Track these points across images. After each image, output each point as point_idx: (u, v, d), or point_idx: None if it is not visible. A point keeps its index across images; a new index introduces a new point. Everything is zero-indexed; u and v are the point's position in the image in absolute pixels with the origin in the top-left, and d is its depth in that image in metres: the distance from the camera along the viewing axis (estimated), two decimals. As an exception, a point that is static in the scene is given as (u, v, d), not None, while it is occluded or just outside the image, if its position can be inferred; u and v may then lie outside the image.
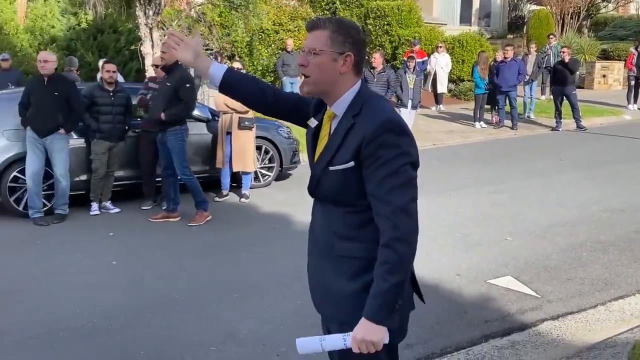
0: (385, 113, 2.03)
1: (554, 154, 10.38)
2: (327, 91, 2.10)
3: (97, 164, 7.24)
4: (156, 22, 11.12)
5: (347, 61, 2.07)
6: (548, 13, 24.10)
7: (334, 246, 2.14)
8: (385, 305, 1.96)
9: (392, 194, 1.96)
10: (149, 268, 5.51)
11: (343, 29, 2.08)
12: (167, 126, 6.73)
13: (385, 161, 1.96)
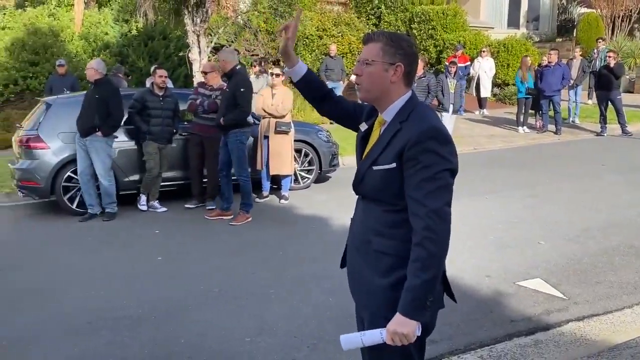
0: (430, 121, 2.19)
1: (596, 159, 10.30)
2: (378, 98, 2.29)
3: (152, 164, 7.63)
4: (203, 29, 11.53)
5: (397, 71, 2.24)
6: (598, 16, 23.67)
7: (370, 241, 2.29)
8: (416, 301, 2.11)
9: (428, 197, 2.10)
10: (192, 264, 5.82)
11: (395, 41, 2.26)
12: (228, 129, 7.07)
13: (425, 166, 2.11)
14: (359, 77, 2.30)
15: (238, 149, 7.09)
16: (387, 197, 2.23)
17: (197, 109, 7.67)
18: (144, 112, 7.63)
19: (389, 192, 2.22)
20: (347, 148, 11.10)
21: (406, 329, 2.11)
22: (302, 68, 2.53)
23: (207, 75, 7.79)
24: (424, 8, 19.90)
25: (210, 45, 11.92)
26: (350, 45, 16.31)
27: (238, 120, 7.03)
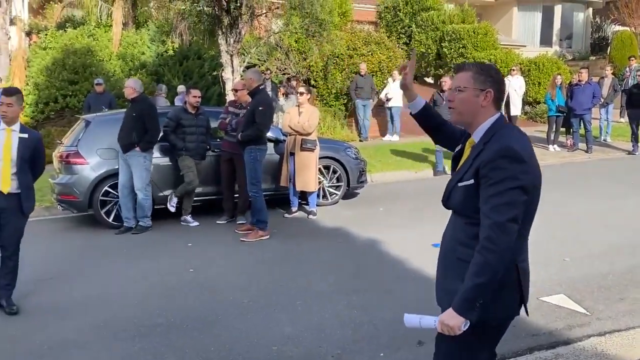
0: (508, 141, 2.39)
1: (626, 178, 10.25)
2: (470, 122, 2.54)
3: (191, 176, 7.90)
4: (236, 49, 11.84)
5: (487, 96, 2.50)
6: (632, 34, 23.47)
7: (455, 250, 2.53)
8: (466, 301, 2.35)
9: (493, 211, 2.33)
10: (222, 276, 6.02)
11: (484, 70, 2.54)
12: (244, 145, 7.29)
13: (494, 182, 2.34)
14: (451, 102, 2.57)
15: (251, 164, 7.28)
16: (469, 211, 2.46)
17: (227, 128, 7.94)
18: (179, 129, 7.91)
19: (470, 207, 2.44)
20: (375, 165, 11.28)
21: (452, 322, 2.36)
22: (420, 102, 2.86)
23: (239, 92, 8.04)
24: (454, 27, 20.03)
25: (243, 65, 12.23)
26: (380, 64, 16.48)
27: (253, 137, 7.22)
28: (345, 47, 15.89)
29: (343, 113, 16.31)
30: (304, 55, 15.87)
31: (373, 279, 5.76)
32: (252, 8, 11.48)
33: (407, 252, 6.44)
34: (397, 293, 5.34)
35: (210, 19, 11.99)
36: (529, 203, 2.39)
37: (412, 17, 21.54)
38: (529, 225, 2.51)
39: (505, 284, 2.43)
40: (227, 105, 8.50)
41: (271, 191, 8.53)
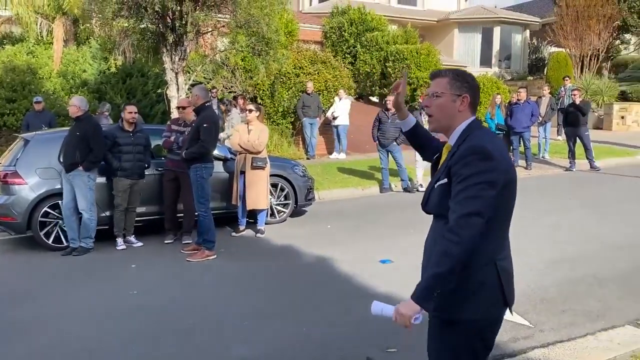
0: (479, 140, 2.45)
1: (564, 194, 10.59)
2: (447, 126, 2.59)
3: (119, 200, 7.70)
4: (181, 67, 11.71)
5: (464, 101, 2.56)
6: (567, 55, 24.45)
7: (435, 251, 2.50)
8: (425, 289, 2.37)
9: (458, 204, 2.37)
10: (167, 297, 5.87)
11: (460, 75, 2.60)
12: (189, 163, 7.19)
13: (463, 178, 2.38)
14: (428, 109, 2.62)
15: (197, 183, 7.17)
16: (445, 210, 2.46)
17: (172, 146, 7.82)
18: (115, 148, 7.72)
19: (446, 207, 2.44)
20: (322, 183, 11.31)
21: (405, 310, 2.39)
22: (411, 120, 2.96)
23: (185, 110, 7.96)
24: (398, 47, 20.42)
25: (188, 83, 12.09)
26: (327, 83, 16.64)
27: (197, 154, 7.12)
28: (292, 66, 15.97)
29: (290, 131, 16.35)
30: (250, 74, 15.85)
31: (322, 297, 5.73)
32: (198, 26, 11.38)
33: (356, 269, 6.45)
34: (347, 311, 5.33)
35: (155, 36, 11.85)
36: (502, 200, 2.43)
37: (356, 38, 21.89)
38: (505, 224, 2.55)
39: (485, 283, 2.46)
40: (170, 123, 8.35)
41: (220, 210, 8.42)
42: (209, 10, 11.36)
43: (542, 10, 32.54)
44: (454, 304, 2.47)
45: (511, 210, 2.56)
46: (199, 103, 7.22)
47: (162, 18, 11.33)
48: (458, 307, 2.46)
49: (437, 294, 2.36)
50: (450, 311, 2.49)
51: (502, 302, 2.51)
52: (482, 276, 2.45)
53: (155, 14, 11.05)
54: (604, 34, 24.19)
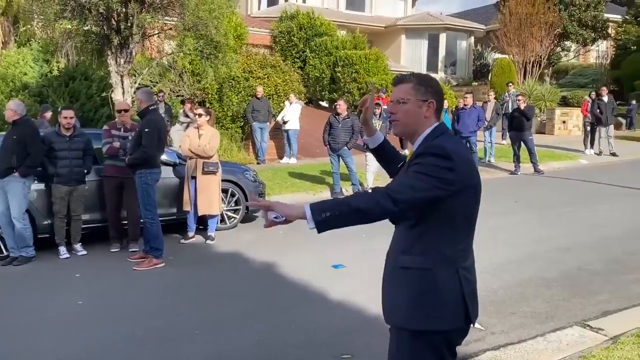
0: (439, 141, 2.45)
1: (510, 197, 10.81)
2: (413, 132, 2.56)
3: (57, 207, 7.41)
4: (127, 70, 11.44)
5: (430, 107, 2.53)
6: (510, 62, 25.11)
7: (397, 259, 2.53)
8: (324, 204, 2.35)
9: (395, 184, 2.41)
10: (113, 307, 5.69)
11: (425, 81, 2.56)
12: (134, 169, 7.00)
13: (415, 170, 2.38)
14: (394, 115, 2.58)
15: (142, 189, 6.99)
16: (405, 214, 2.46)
17: (119, 152, 7.58)
18: (51, 153, 7.43)
19: None
20: (273, 187, 11.24)
21: (283, 207, 2.38)
22: (379, 137, 2.91)
23: (127, 113, 7.76)
24: (347, 52, 20.53)
25: (134, 86, 11.82)
26: (277, 87, 16.58)
27: (140, 160, 6.94)
28: (241, 70, 15.84)
29: (240, 136, 16.20)
30: (198, 77, 15.63)
31: (275, 304, 5.66)
32: (144, 28, 11.14)
33: (309, 275, 6.41)
34: (301, 317, 5.28)
35: (99, 38, 11.52)
36: (462, 205, 2.43)
37: (306, 42, 21.91)
38: (468, 230, 2.55)
39: (449, 292, 2.43)
40: (108, 128, 7.91)
41: (168, 216, 8.23)
42: (155, 12, 11.14)
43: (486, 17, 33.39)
44: (421, 314, 2.44)
45: (473, 217, 2.55)
46: (143, 107, 7.02)
47: (107, 20, 11.04)
48: (425, 318, 2.43)
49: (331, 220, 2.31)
50: (417, 322, 2.45)
51: (463, 312, 2.46)
52: (446, 285, 2.43)
53: (100, 15, 10.77)
54: (546, 41, 24.98)
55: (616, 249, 7.21)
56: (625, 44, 25.94)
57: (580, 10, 27.42)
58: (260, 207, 2.43)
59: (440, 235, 2.44)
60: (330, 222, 2.31)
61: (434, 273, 2.41)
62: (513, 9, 25.25)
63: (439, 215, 2.41)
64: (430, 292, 2.41)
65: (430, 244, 2.43)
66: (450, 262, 2.44)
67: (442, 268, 2.42)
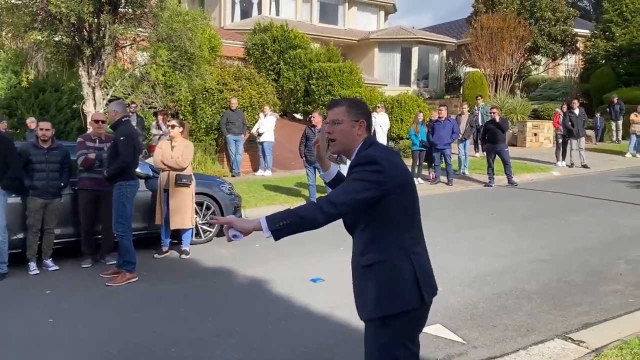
0: (368, 150, 2.83)
1: (486, 208, 10.86)
2: (349, 149, 2.91)
3: (32, 221, 7.20)
4: (99, 81, 11.24)
5: (361, 126, 2.91)
6: (482, 75, 25.39)
7: (358, 261, 2.85)
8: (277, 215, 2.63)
9: (334, 191, 2.77)
10: (86, 325, 5.50)
11: (356, 103, 2.98)
12: (112, 181, 6.87)
13: (350, 179, 2.76)
14: (330, 134, 2.93)
15: (118, 202, 6.86)
16: (357, 220, 2.84)
17: (94, 164, 7.41)
18: (28, 166, 7.24)
19: (357, 215, 2.81)
20: (249, 200, 11.11)
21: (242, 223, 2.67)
22: (333, 171, 3.11)
23: (103, 124, 7.62)
24: (321, 65, 20.56)
25: (107, 98, 11.62)
26: (251, 99, 16.47)
27: (118, 171, 6.83)
28: (215, 82, 15.71)
29: (214, 148, 16.04)
30: (171, 89, 15.46)
31: (254, 319, 5.53)
32: (116, 39, 10.97)
33: (287, 289, 6.30)
34: (281, 332, 5.17)
35: (70, 49, 11.31)
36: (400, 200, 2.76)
37: (280, 55, 21.90)
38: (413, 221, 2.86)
39: (403, 277, 2.74)
40: (82, 140, 7.75)
41: (141, 230, 8.04)
42: (128, 23, 10.99)
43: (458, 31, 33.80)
44: (383, 301, 2.74)
45: (414, 209, 2.87)
46: (117, 118, 6.93)
47: (78, 31, 10.84)
48: (386, 303, 2.73)
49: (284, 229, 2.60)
50: (381, 308, 2.75)
51: (418, 293, 2.74)
52: (401, 269, 2.74)
53: (71, 26, 10.58)
54: (517, 54, 25.36)
55: (593, 260, 7.25)
56: (593, 58, 26.43)
57: (550, 24, 27.90)
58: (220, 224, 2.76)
59: (388, 231, 2.77)
60: (284, 230, 2.62)
61: (390, 262, 2.75)
62: (484, 23, 25.58)
63: (381, 215, 2.75)
64: (389, 280, 2.75)
65: (382, 239, 2.77)
66: (402, 250, 2.77)
67: (396, 256, 2.76)
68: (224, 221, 2.70)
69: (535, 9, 27.83)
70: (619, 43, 24.98)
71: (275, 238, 2.64)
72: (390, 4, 34.69)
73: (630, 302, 5.68)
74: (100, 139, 7.64)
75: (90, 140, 7.64)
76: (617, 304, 5.66)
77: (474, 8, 29.78)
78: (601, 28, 26.54)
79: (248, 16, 29.89)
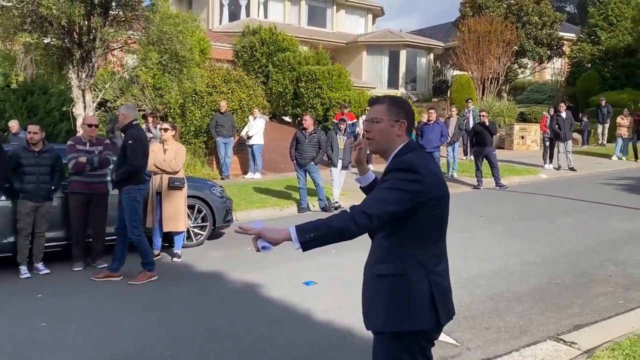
0: (407, 157, 2.66)
1: (475, 211, 10.93)
2: (386, 149, 2.77)
3: (22, 224, 7.16)
4: (89, 84, 11.19)
5: (402, 126, 2.75)
6: (469, 78, 25.57)
7: (373, 268, 2.74)
8: (307, 225, 2.54)
9: (368, 201, 2.60)
10: (78, 329, 5.49)
11: (397, 102, 2.80)
12: (121, 185, 6.87)
13: (385, 186, 2.60)
14: (369, 133, 2.80)
15: (130, 206, 6.87)
16: None
17: (86, 168, 7.39)
18: (19, 169, 7.21)
19: None
20: (240, 203, 11.11)
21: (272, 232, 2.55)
22: (370, 176, 3.01)
23: (96, 128, 7.61)
24: (310, 68, 20.59)
25: (96, 101, 11.58)
26: (241, 102, 16.47)
27: (127, 174, 6.84)
28: (204, 85, 15.69)
29: (203, 151, 16.02)
30: (160, 92, 15.42)
31: (247, 323, 5.54)
32: (107, 42, 10.93)
33: (280, 292, 6.32)
34: (275, 336, 5.18)
35: (60, 52, 11.24)
36: (431, 214, 2.63)
37: (268, 58, 21.91)
38: (438, 238, 2.75)
39: (420, 296, 2.62)
40: (73, 143, 7.69)
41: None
42: (119, 26, 10.95)
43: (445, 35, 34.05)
44: (395, 317, 2.63)
45: (443, 225, 2.75)
46: (126, 122, 6.95)
47: (69, 33, 10.78)
48: (398, 319, 2.62)
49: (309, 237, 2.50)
50: (392, 324, 2.64)
51: (434, 316, 2.65)
52: (417, 288, 2.62)
53: (61, 28, 10.52)
54: (503, 58, 25.58)
55: (582, 262, 7.34)
56: (579, 62, 26.71)
57: (537, 28, 28.16)
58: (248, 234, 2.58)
59: (411, 244, 2.64)
60: (313, 242, 2.52)
61: (406, 278, 2.62)
62: (472, 27, 25.77)
63: (409, 225, 2.62)
64: (403, 296, 2.62)
65: (402, 252, 2.64)
66: (420, 268, 2.64)
67: (413, 273, 2.63)
68: (254, 232, 2.56)
69: (521, 13, 28.09)
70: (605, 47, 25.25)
71: (304, 249, 2.53)
72: (378, 8, 34.87)
73: (620, 304, 5.77)
74: (91, 142, 7.63)
75: (80, 143, 7.62)
76: (608, 305, 5.74)
77: (461, 12, 30.00)
78: (587, 32, 26.85)
79: (236, 19, 29.90)
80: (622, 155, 18.69)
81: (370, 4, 34.38)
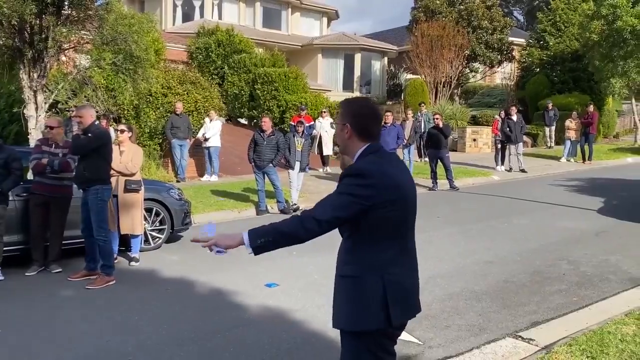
0: (359, 163, 2.73)
1: (432, 212, 11.10)
2: (348, 154, 2.83)
3: None
4: (41, 84, 10.90)
5: (347, 129, 2.77)
6: (422, 82, 25.95)
7: (338, 268, 2.80)
8: (259, 231, 2.63)
9: (318, 206, 2.67)
10: (34, 335, 5.34)
11: (345, 105, 2.85)
12: (87, 185, 6.75)
13: (336, 192, 2.68)
14: None
15: (98, 206, 6.77)
16: (343, 230, 2.76)
17: (46, 169, 7.21)
18: None
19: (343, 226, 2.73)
20: (197, 206, 11.00)
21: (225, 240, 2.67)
22: None
23: (54, 130, 7.42)
24: (266, 70, 20.56)
25: (48, 102, 11.28)
26: (197, 104, 16.32)
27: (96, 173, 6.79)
28: (159, 86, 15.48)
29: (158, 153, 15.79)
30: (113, 93, 15.13)
31: (210, 326, 5.49)
32: (60, 42, 10.66)
33: (242, 294, 6.29)
34: (240, 338, 5.16)
35: (11, 51, 10.92)
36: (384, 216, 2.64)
37: (224, 59, 21.77)
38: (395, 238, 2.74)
39: (373, 296, 2.66)
40: (39, 143, 7.64)
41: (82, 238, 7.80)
42: (72, 25, 10.70)
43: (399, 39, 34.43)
44: (351, 316, 2.71)
45: (401, 226, 2.76)
46: (89, 122, 6.83)
47: (20, 32, 10.48)
48: (353, 320, 2.70)
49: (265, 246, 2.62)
50: (349, 323, 2.73)
51: (384, 316, 2.66)
52: (368, 289, 2.67)
53: (12, 28, 10.22)
54: (456, 62, 26.04)
55: (537, 261, 7.54)
56: (529, 66, 27.41)
57: (487, 33, 28.79)
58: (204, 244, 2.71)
59: (367, 245, 2.69)
60: (265, 246, 2.63)
61: (360, 279, 2.68)
62: (424, 31, 26.17)
63: (363, 228, 2.67)
64: (357, 297, 2.68)
65: (360, 253, 2.70)
66: (375, 270, 2.68)
67: (368, 275, 2.67)
68: (209, 243, 2.67)
69: (472, 18, 28.67)
70: (553, 52, 26.01)
71: (256, 254, 2.63)
72: (333, 11, 35.06)
73: (574, 301, 5.96)
74: (57, 144, 7.45)
75: (46, 145, 7.47)
76: (563, 302, 5.92)
77: (413, 17, 30.41)
78: (536, 37, 27.57)
79: (190, 19, 29.59)
80: (571, 157, 19.27)
81: (325, 7, 34.55)
